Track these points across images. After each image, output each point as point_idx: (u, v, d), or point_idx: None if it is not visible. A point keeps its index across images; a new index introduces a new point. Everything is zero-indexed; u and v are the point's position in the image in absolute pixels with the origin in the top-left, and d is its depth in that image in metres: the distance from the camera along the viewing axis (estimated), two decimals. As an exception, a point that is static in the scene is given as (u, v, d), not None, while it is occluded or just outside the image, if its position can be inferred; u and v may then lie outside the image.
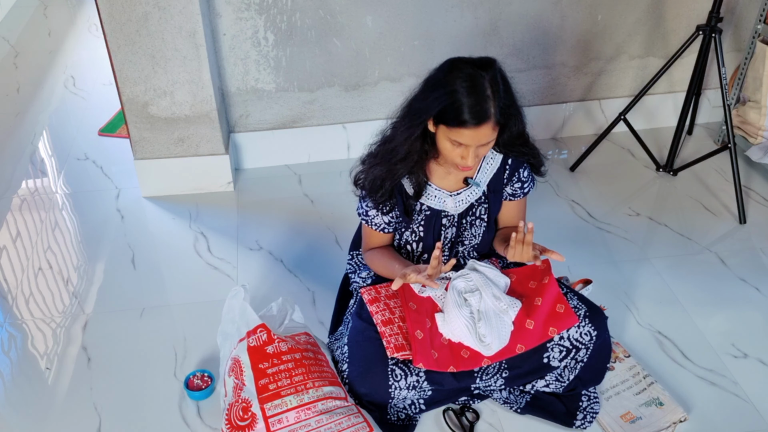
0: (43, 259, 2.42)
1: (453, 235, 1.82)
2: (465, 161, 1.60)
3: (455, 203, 1.77)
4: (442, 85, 1.56)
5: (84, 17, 4.52)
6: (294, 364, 1.76)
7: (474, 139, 1.56)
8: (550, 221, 2.54)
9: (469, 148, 1.58)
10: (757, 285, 2.24)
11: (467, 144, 1.57)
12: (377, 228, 1.79)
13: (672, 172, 2.77)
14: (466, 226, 1.82)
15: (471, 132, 1.54)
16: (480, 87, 1.53)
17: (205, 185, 2.73)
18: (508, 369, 1.77)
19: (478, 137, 1.55)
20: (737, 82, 2.86)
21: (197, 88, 2.51)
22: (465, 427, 1.79)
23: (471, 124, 1.53)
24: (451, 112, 1.54)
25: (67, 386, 1.94)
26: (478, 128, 1.54)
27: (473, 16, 2.69)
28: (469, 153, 1.58)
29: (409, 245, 1.83)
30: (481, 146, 1.59)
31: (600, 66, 2.92)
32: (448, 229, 1.80)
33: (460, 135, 1.55)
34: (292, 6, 2.56)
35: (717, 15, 2.44)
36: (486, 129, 1.55)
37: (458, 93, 1.53)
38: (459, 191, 1.77)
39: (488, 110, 1.53)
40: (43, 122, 3.32)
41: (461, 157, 1.60)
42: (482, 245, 1.88)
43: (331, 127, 2.84)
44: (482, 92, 1.53)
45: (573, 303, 1.78)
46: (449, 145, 1.59)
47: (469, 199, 1.78)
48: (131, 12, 2.32)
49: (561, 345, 1.75)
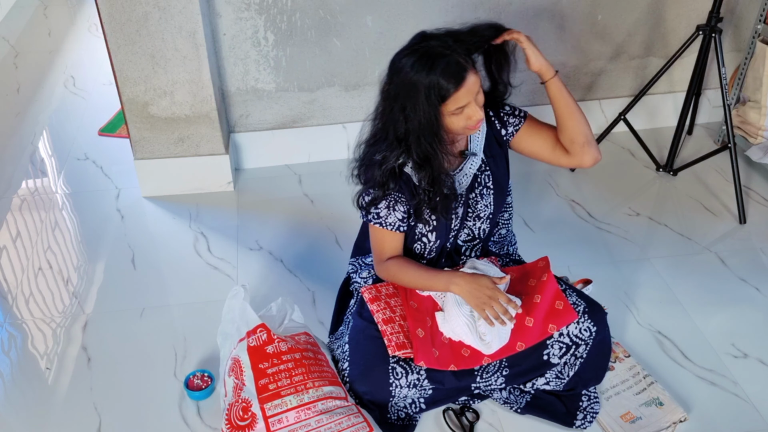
0: (43, 259, 2.42)
1: (463, 213, 1.80)
2: (474, 116, 1.60)
3: (459, 180, 1.76)
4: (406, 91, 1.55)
5: (84, 17, 4.53)
6: (294, 364, 1.76)
7: (469, 92, 1.57)
8: (550, 221, 2.54)
9: (471, 105, 1.59)
10: (757, 285, 2.24)
11: (468, 102, 1.58)
12: (392, 228, 1.73)
13: (672, 172, 2.77)
14: (477, 198, 1.79)
15: (463, 89, 1.55)
16: (433, 55, 1.53)
17: (205, 185, 2.73)
18: (509, 367, 1.77)
19: (471, 87, 1.56)
20: (737, 82, 2.86)
21: (197, 88, 2.51)
22: (465, 427, 1.79)
23: (457, 85, 1.54)
24: (433, 96, 1.54)
25: (67, 386, 1.94)
26: (466, 80, 1.55)
27: (473, 16, 2.69)
28: (474, 107, 1.59)
29: (424, 237, 1.80)
30: (477, 94, 1.60)
31: (600, 66, 2.92)
32: (458, 209, 1.79)
33: (458, 98, 1.56)
34: (292, 6, 2.56)
35: (717, 15, 2.44)
36: (471, 76, 1.56)
37: (422, 79, 1.52)
38: (461, 167, 1.76)
39: (459, 62, 1.54)
40: (43, 122, 3.32)
41: (468, 117, 1.60)
42: (496, 211, 1.85)
43: (331, 127, 2.84)
44: (439, 56, 1.53)
45: (572, 299, 1.77)
46: (455, 118, 1.60)
47: (471, 171, 1.77)
48: (131, 12, 2.32)
49: (561, 341, 1.75)
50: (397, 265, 1.77)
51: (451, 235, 1.82)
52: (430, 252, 1.82)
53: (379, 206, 1.71)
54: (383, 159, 1.64)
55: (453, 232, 1.82)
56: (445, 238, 1.81)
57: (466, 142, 1.78)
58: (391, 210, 1.71)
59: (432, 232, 1.78)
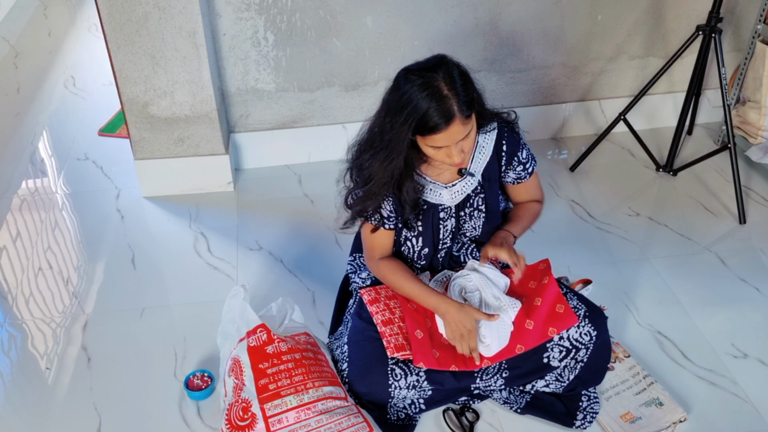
0: (43, 259, 2.42)
1: (453, 226, 1.81)
2: (452, 159, 1.61)
3: (451, 195, 1.76)
4: (403, 104, 1.56)
5: (84, 17, 4.53)
6: (294, 364, 1.76)
7: (449, 139, 1.57)
8: (550, 221, 2.54)
9: (450, 148, 1.59)
10: (757, 285, 2.24)
11: (447, 146, 1.58)
12: (378, 224, 1.75)
13: (672, 172, 2.77)
14: (465, 218, 1.81)
15: (443, 134, 1.55)
16: (436, 90, 1.53)
17: (205, 185, 2.73)
18: (508, 369, 1.77)
19: (452, 136, 1.56)
20: (737, 82, 2.86)
21: (197, 88, 2.51)
22: (465, 427, 1.80)
23: (440, 127, 1.54)
24: (420, 125, 1.55)
25: (67, 386, 1.94)
26: (449, 128, 1.54)
27: (473, 16, 2.69)
28: (452, 151, 1.59)
29: (408, 241, 1.82)
30: (461, 141, 1.59)
31: (600, 66, 2.92)
32: (447, 221, 1.80)
33: (435, 140, 1.57)
34: (292, 6, 2.56)
35: (717, 15, 2.44)
36: (456, 126, 1.55)
37: (419, 105, 1.53)
38: (454, 182, 1.77)
39: (451, 109, 1.53)
40: (43, 122, 3.32)
41: (447, 156, 1.61)
42: (483, 236, 1.87)
43: (331, 127, 2.84)
44: (440, 94, 1.53)
45: (573, 303, 1.77)
46: (432, 150, 1.61)
47: (465, 190, 1.77)
48: (131, 12, 2.32)
49: (561, 345, 1.75)
50: (391, 270, 1.78)
51: (442, 246, 1.83)
52: (420, 258, 1.84)
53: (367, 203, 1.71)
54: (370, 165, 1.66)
55: (443, 244, 1.83)
56: (433, 246, 1.82)
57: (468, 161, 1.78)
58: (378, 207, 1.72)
59: (417, 238, 1.80)
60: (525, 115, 2.97)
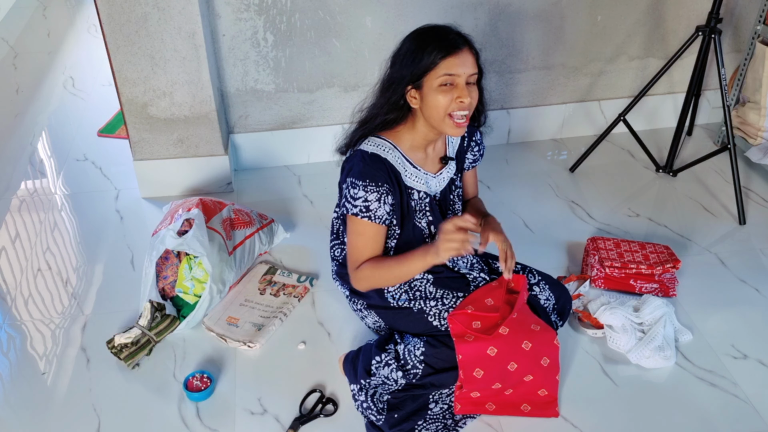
0: (42, 260, 2.42)
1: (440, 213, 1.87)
2: (463, 98, 1.61)
3: (437, 183, 1.82)
4: (412, 48, 1.63)
5: (83, 18, 4.53)
6: None
7: (461, 66, 1.59)
8: (550, 222, 2.54)
9: (461, 86, 1.61)
10: (757, 286, 2.24)
11: (457, 74, 1.60)
12: (380, 221, 1.71)
13: (672, 173, 2.77)
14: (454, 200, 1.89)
15: (456, 59, 1.59)
16: (445, 29, 1.63)
17: (205, 186, 2.72)
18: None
19: (465, 62, 1.60)
20: (737, 82, 2.87)
21: (196, 88, 2.51)
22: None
23: (452, 51, 1.59)
24: (428, 57, 1.59)
25: (67, 387, 1.94)
26: (460, 53, 1.59)
27: (473, 17, 2.69)
28: (463, 90, 1.61)
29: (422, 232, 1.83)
30: (469, 84, 1.62)
31: (599, 67, 2.92)
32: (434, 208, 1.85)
33: (448, 66, 1.59)
34: (292, 7, 2.56)
35: (716, 16, 2.44)
36: (466, 55, 1.61)
37: (428, 41, 1.60)
38: (440, 171, 1.83)
39: (460, 39, 1.62)
40: (43, 123, 3.32)
41: (458, 98, 1.61)
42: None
43: (331, 128, 2.84)
44: (450, 30, 1.63)
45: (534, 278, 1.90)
46: (441, 96, 1.61)
47: (448, 176, 1.84)
48: (130, 13, 2.32)
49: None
50: (372, 266, 1.75)
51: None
52: None
53: (369, 199, 1.69)
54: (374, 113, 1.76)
55: None
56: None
57: (445, 148, 1.84)
58: (381, 203, 1.70)
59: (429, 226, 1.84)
60: (525, 115, 2.97)
